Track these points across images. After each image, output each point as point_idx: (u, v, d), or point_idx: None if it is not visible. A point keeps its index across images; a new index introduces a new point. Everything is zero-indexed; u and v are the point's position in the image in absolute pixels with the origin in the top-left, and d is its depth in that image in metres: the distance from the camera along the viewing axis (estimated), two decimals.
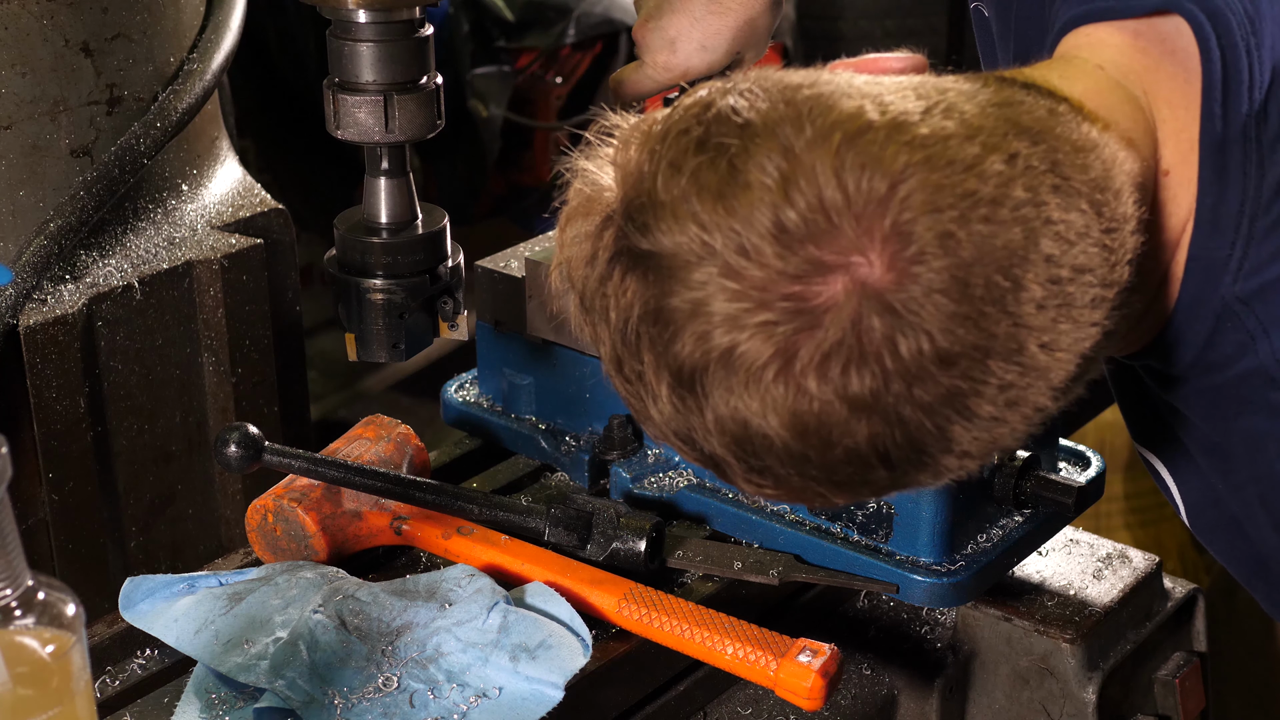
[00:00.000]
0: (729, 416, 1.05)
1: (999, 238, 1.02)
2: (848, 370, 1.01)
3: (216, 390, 1.93)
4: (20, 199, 1.75)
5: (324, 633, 1.30)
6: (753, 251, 1.02)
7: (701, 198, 1.04)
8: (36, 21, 1.71)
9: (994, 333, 1.02)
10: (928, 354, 1.00)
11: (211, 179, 2.00)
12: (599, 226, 1.11)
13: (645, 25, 1.64)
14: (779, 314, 1.02)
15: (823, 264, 1.01)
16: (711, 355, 1.04)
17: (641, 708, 1.41)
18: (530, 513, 1.47)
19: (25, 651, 0.95)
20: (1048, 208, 1.05)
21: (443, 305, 1.60)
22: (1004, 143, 1.05)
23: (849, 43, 4.52)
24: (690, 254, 1.04)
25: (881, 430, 1.03)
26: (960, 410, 1.03)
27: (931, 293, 1.00)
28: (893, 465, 1.06)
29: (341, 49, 1.48)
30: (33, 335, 1.70)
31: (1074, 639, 1.52)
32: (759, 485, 1.12)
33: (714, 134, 1.06)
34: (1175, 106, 1.21)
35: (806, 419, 1.03)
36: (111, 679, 1.36)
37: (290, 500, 1.44)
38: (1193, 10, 1.18)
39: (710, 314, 1.03)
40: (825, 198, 1.01)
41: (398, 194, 1.56)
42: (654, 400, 1.09)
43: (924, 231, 1.00)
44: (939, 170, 1.02)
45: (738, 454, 1.08)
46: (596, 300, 1.12)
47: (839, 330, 1.01)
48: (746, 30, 1.61)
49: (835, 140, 1.02)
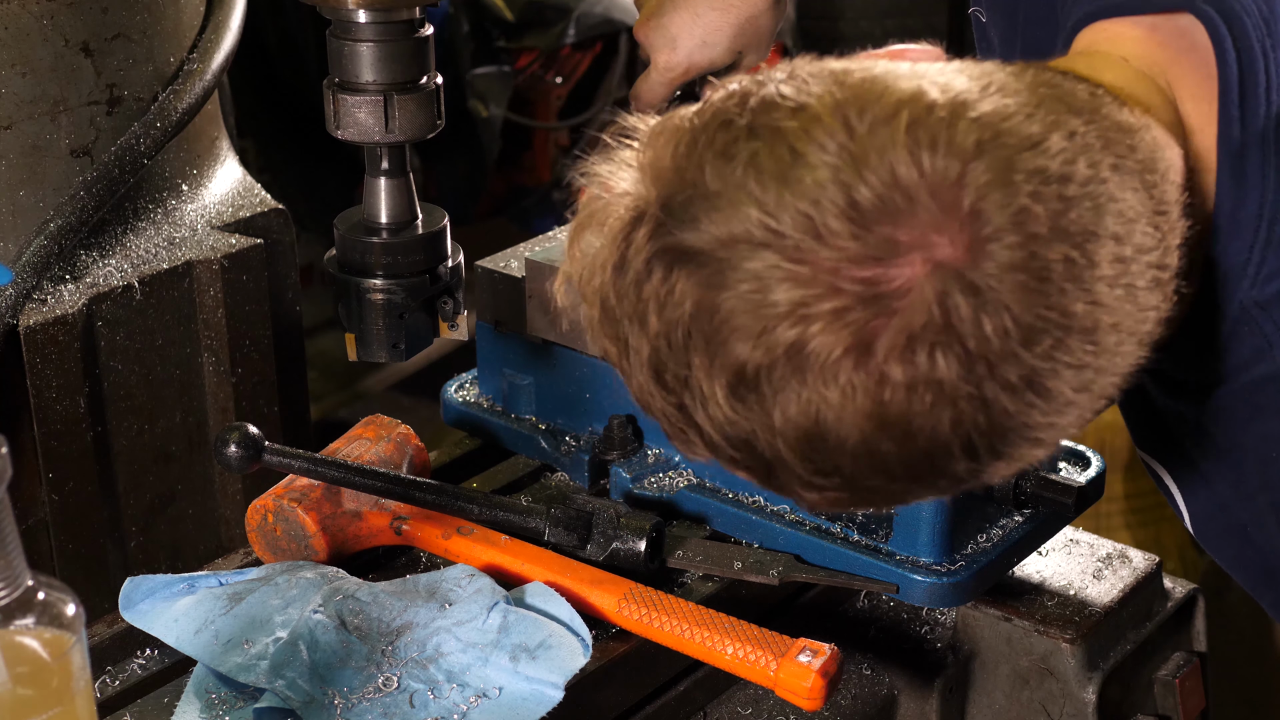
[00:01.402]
0: (800, 414, 1.00)
1: (1071, 213, 0.99)
2: (934, 353, 0.97)
3: (216, 390, 1.93)
4: (20, 199, 1.75)
5: (324, 633, 1.30)
6: (824, 232, 0.97)
7: (762, 181, 0.99)
8: (36, 21, 1.71)
9: (1072, 310, 0.99)
10: (1012, 332, 0.97)
11: (211, 179, 2.00)
12: (625, 230, 1.06)
13: (647, 23, 1.63)
14: (852, 300, 0.97)
15: (898, 244, 0.97)
16: (777, 351, 0.99)
17: (641, 708, 1.41)
18: (530, 513, 1.47)
19: (25, 651, 0.95)
20: (1109, 185, 1.03)
21: (443, 305, 1.60)
22: (1061, 120, 1.03)
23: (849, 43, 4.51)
24: (748, 241, 0.99)
25: (967, 415, 0.99)
26: (1040, 392, 1.00)
27: (1010, 270, 0.97)
28: (975, 454, 1.02)
29: (341, 49, 1.48)
30: (33, 335, 1.70)
31: (1074, 639, 1.52)
32: (821, 488, 1.06)
33: (764, 120, 1.02)
34: (1199, 100, 1.20)
35: (889, 409, 0.99)
36: (111, 679, 1.36)
37: (290, 500, 1.44)
38: (1207, 11, 1.17)
39: (773, 304, 0.98)
40: (900, 176, 0.97)
41: (398, 194, 1.56)
42: (703, 405, 1.04)
43: (998, 209, 0.97)
44: (1007, 147, 0.99)
45: (805, 454, 1.03)
46: (628, 306, 1.05)
47: (922, 312, 0.97)
48: (749, 27, 1.61)
49: (903, 119, 0.99)
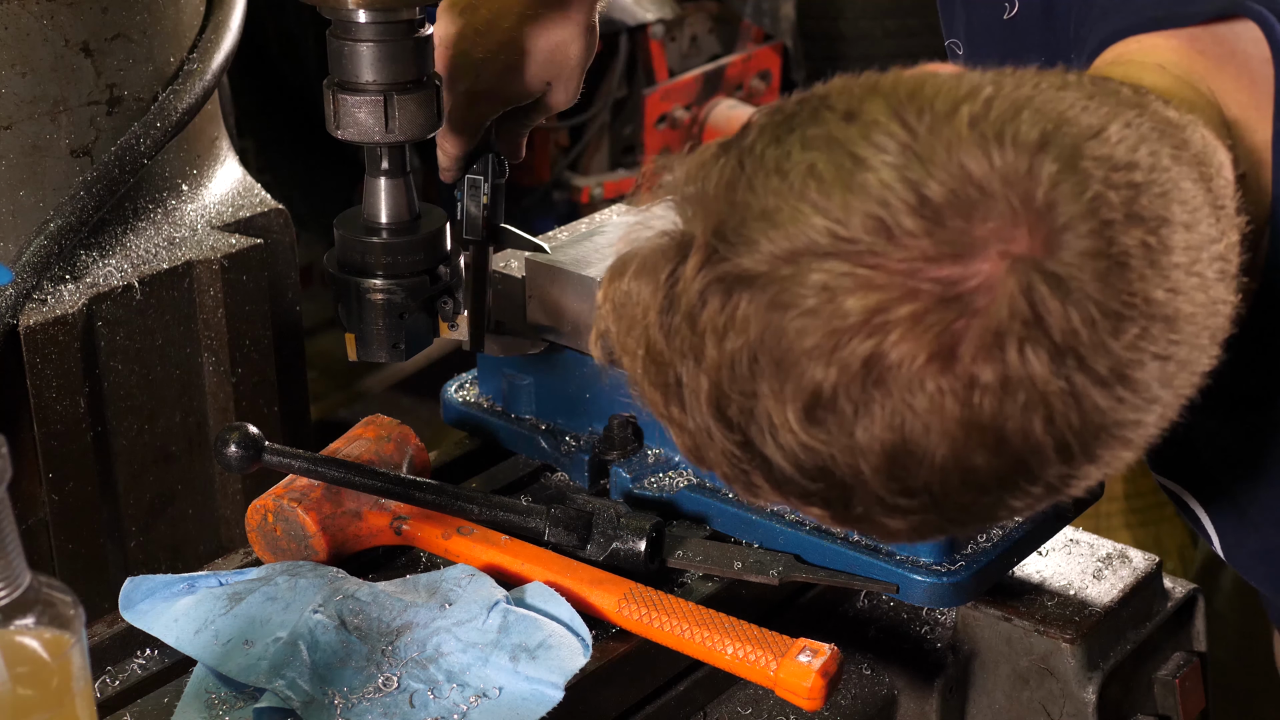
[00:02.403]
0: (885, 429, 0.95)
1: (1142, 199, 0.96)
2: (1023, 350, 0.93)
3: (216, 390, 1.93)
4: (20, 199, 1.75)
5: (324, 633, 1.30)
6: (897, 231, 0.93)
7: (824, 190, 0.95)
8: (36, 21, 1.71)
9: (1153, 296, 0.96)
10: (1099, 321, 0.94)
11: (211, 179, 2.00)
12: (669, 268, 1.01)
13: (446, 51, 1.53)
14: (930, 301, 0.93)
15: (974, 239, 0.93)
16: (854, 366, 0.94)
17: (641, 708, 1.41)
18: (530, 513, 1.47)
19: (25, 651, 0.95)
20: (1171, 172, 1.00)
21: (443, 305, 1.59)
22: (1117, 112, 1.01)
23: (849, 42, 4.52)
24: (813, 253, 0.94)
25: (1059, 413, 0.95)
26: (1129, 384, 0.96)
27: (1090, 257, 0.94)
28: (1070, 455, 0.97)
29: (341, 49, 1.47)
30: (33, 335, 1.70)
31: (1074, 639, 1.52)
32: (906, 511, 1.00)
33: (816, 132, 0.98)
34: (1244, 107, 1.18)
35: (981, 414, 0.94)
36: (111, 679, 1.36)
37: (290, 500, 1.44)
38: (1261, 12, 1.15)
39: (845, 315, 0.93)
40: (971, 170, 0.94)
41: (397, 194, 1.56)
42: (773, 436, 0.98)
43: (1071, 199, 0.94)
44: (1072, 136, 0.96)
45: (891, 473, 0.97)
46: (680, 344, 1.00)
47: (1006, 308, 0.92)
48: (557, 55, 1.53)
49: (963, 114, 0.96)
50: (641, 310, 1.03)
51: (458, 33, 1.52)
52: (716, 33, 4.22)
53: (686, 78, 4.06)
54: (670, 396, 1.03)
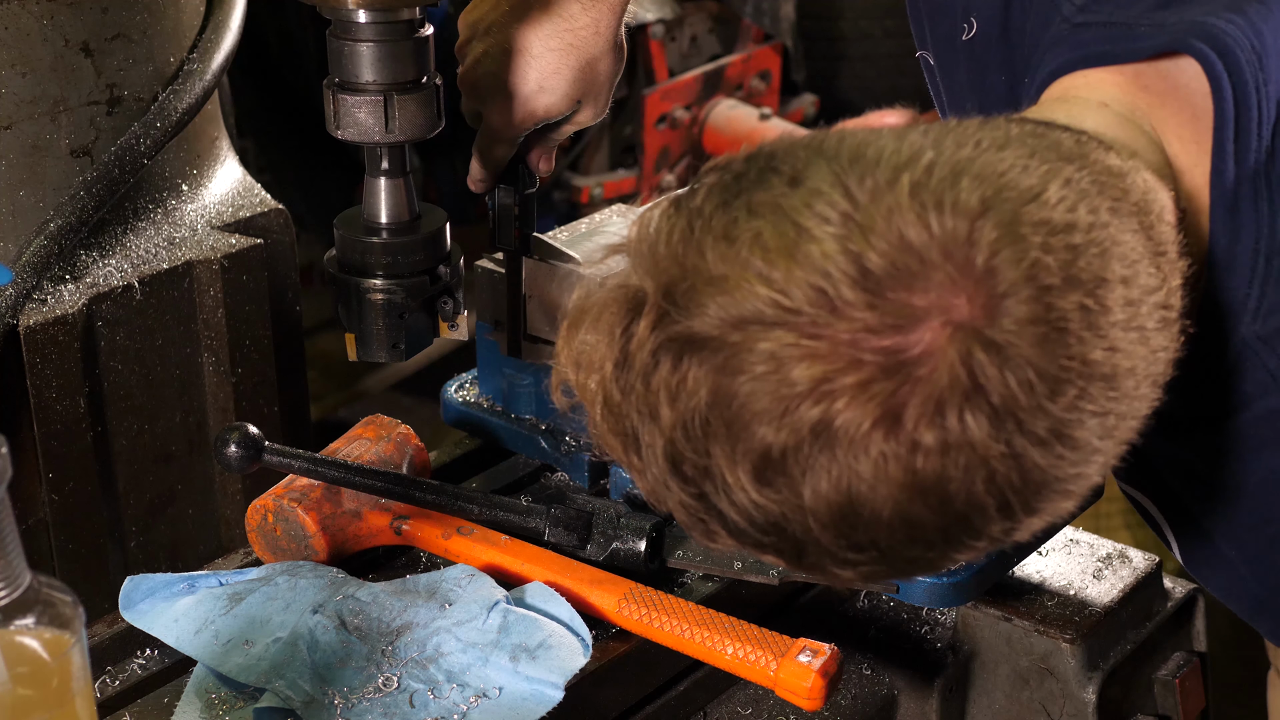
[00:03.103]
0: (832, 490, 0.98)
1: (1080, 261, 0.99)
2: (963, 415, 0.96)
3: (216, 390, 1.93)
4: (20, 199, 1.75)
5: (324, 633, 1.30)
6: (839, 303, 0.96)
7: (769, 259, 0.98)
8: (36, 21, 1.71)
9: (1091, 358, 0.99)
10: (1037, 385, 0.97)
11: (211, 179, 2.00)
12: (623, 323, 1.04)
13: (474, 72, 1.53)
14: (874, 371, 0.96)
15: (915, 309, 0.96)
16: (803, 431, 0.97)
17: (641, 708, 1.42)
18: (530, 513, 1.47)
19: (25, 651, 0.95)
20: (1110, 229, 1.02)
21: (443, 305, 1.60)
22: (1055, 168, 1.03)
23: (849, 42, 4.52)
24: (759, 322, 0.97)
25: (1000, 473, 0.98)
26: (1068, 443, 1.00)
27: (1029, 323, 0.96)
28: (1011, 512, 1.01)
29: (341, 49, 1.48)
30: (33, 335, 1.70)
31: (1074, 639, 1.52)
32: (855, 563, 1.04)
33: (762, 198, 1.01)
34: (1185, 142, 1.19)
35: (924, 476, 0.97)
36: (111, 679, 1.36)
37: (290, 500, 1.44)
38: (1203, 49, 1.16)
39: (792, 384, 0.96)
40: (910, 238, 0.96)
41: (397, 194, 1.56)
42: (727, 493, 1.02)
43: (1011, 264, 0.97)
44: (1011, 201, 0.99)
45: (840, 531, 1.01)
46: (636, 401, 1.03)
47: (947, 375, 0.96)
48: (588, 73, 1.53)
49: (904, 182, 0.98)
50: (598, 363, 1.06)
51: (485, 52, 1.52)
52: (716, 33, 4.21)
53: (686, 78, 4.06)
54: (629, 446, 1.07)
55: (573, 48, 1.51)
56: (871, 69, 4.52)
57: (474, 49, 1.53)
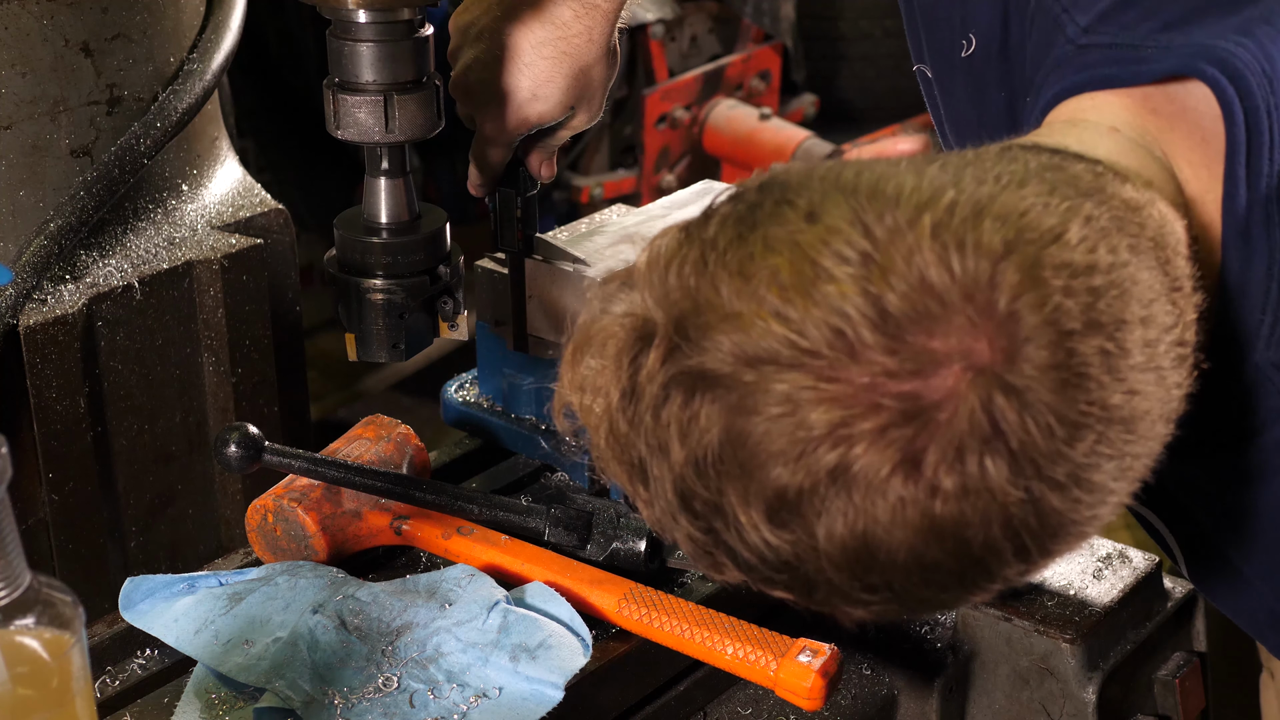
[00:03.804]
0: (847, 535, 0.97)
1: (1100, 303, 0.98)
2: (983, 459, 0.95)
3: (216, 390, 1.93)
4: (20, 199, 1.75)
5: (324, 633, 1.30)
6: (857, 346, 0.94)
7: (786, 297, 0.96)
8: (36, 21, 1.71)
9: (1110, 402, 0.98)
10: (1057, 430, 0.96)
11: (211, 179, 2.00)
12: (630, 353, 1.02)
13: (466, 77, 1.52)
14: (893, 416, 0.94)
15: (934, 353, 0.94)
16: (820, 474, 0.96)
17: (641, 708, 1.42)
18: (530, 513, 1.47)
19: (25, 651, 0.95)
20: (1129, 267, 1.01)
21: (443, 305, 1.60)
22: (1076, 206, 1.02)
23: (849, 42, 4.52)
24: (774, 362, 0.96)
25: (1018, 517, 0.97)
26: (1085, 486, 0.99)
27: (1049, 369, 0.95)
28: (1027, 555, 1.00)
29: (341, 49, 1.48)
30: (33, 335, 1.70)
31: (1074, 639, 1.52)
32: (867, 603, 1.03)
33: (779, 233, 0.99)
34: (1196, 167, 1.18)
35: (943, 522, 0.96)
36: (111, 679, 1.36)
37: (290, 500, 1.44)
38: (1213, 74, 1.14)
39: (809, 427, 0.95)
40: (931, 280, 0.95)
41: (397, 194, 1.56)
42: (738, 531, 1.00)
43: (1032, 309, 0.95)
44: (1033, 244, 0.97)
45: (854, 573, 0.99)
46: (645, 434, 1.01)
47: (967, 420, 0.94)
48: (582, 79, 1.52)
49: (925, 222, 0.96)
50: (604, 392, 1.04)
51: (476, 58, 1.52)
52: (716, 33, 4.21)
53: (686, 78, 4.06)
54: (635, 475, 1.05)
55: (565, 55, 1.51)
56: (871, 69, 4.53)
57: (466, 55, 1.53)
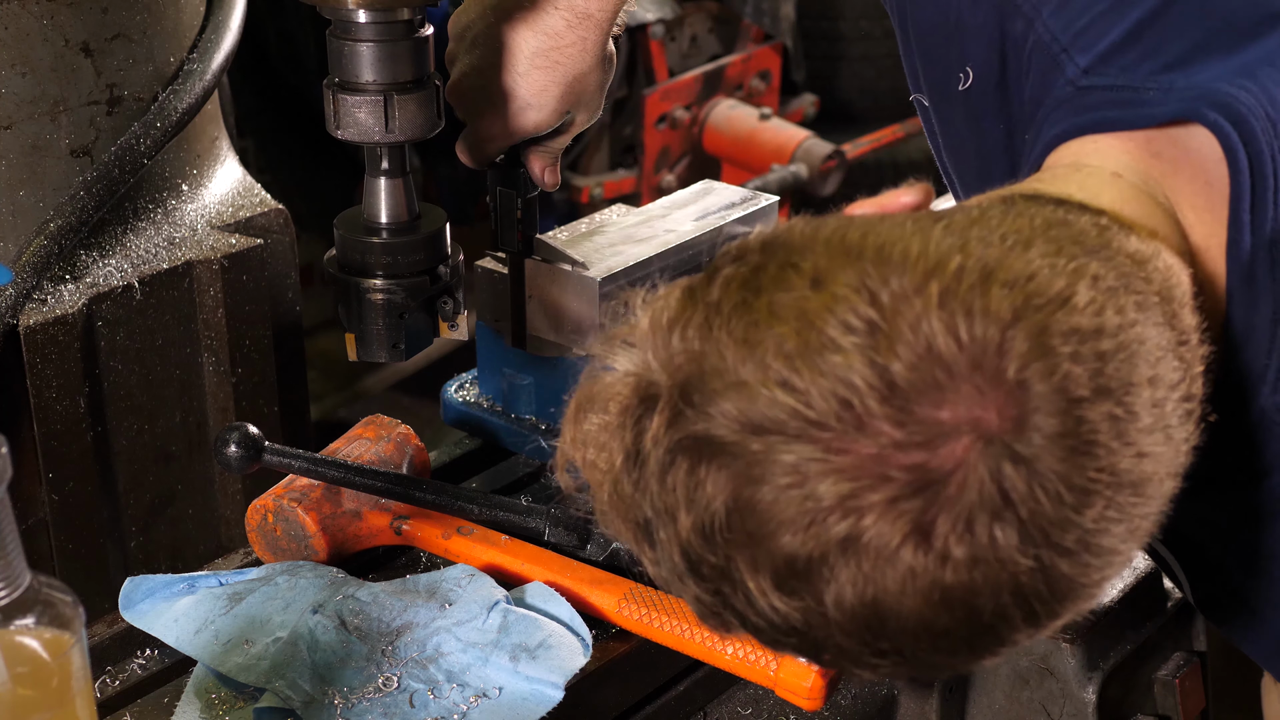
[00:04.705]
0: (857, 604, 0.97)
1: (1108, 368, 0.98)
2: (994, 529, 0.95)
3: (216, 390, 1.93)
4: (20, 199, 1.75)
5: (324, 633, 1.30)
6: (864, 418, 0.94)
7: (791, 364, 0.95)
8: (36, 21, 1.71)
9: (1119, 468, 0.98)
10: (1066, 498, 0.96)
11: (211, 179, 2.00)
12: (634, 416, 1.02)
13: (461, 83, 1.52)
14: (902, 488, 0.94)
15: (943, 424, 0.94)
16: (829, 544, 0.95)
17: (641, 708, 1.42)
18: (530, 513, 1.47)
19: (25, 651, 0.95)
20: (1137, 327, 1.01)
21: (443, 305, 1.60)
22: (1083, 267, 1.01)
23: (849, 42, 4.52)
24: (781, 433, 0.95)
25: (1027, 584, 0.97)
26: (1094, 551, 0.99)
27: (1058, 438, 0.95)
28: (1036, 619, 1.00)
29: (341, 49, 1.48)
30: (33, 335, 1.70)
31: (1074, 639, 1.52)
32: (876, 666, 1.03)
33: (784, 299, 0.98)
34: (1200, 211, 1.17)
35: (953, 591, 0.96)
36: (111, 679, 1.36)
37: (290, 500, 1.44)
38: (1216, 119, 1.13)
39: (818, 498, 0.95)
40: (938, 349, 0.94)
41: (397, 194, 1.56)
42: (746, 596, 1.00)
43: (1041, 378, 0.95)
44: (1041, 311, 0.97)
45: (863, 639, 1.00)
46: (651, 499, 1.02)
47: (976, 490, 0.94)
48: (577, 86, 1.52)
49: (933, 289, 0.96)
50: (607, 455, 1.04)
51: (472, 65, 1.52)
52: (716, 33, 4.21)
53: (686, 78, 4.06)
54: (640, 536, 1.05)
55: (559, 65, 1.51)
56: (871, 69, 4.53)
57: (462, 62, 1.53)
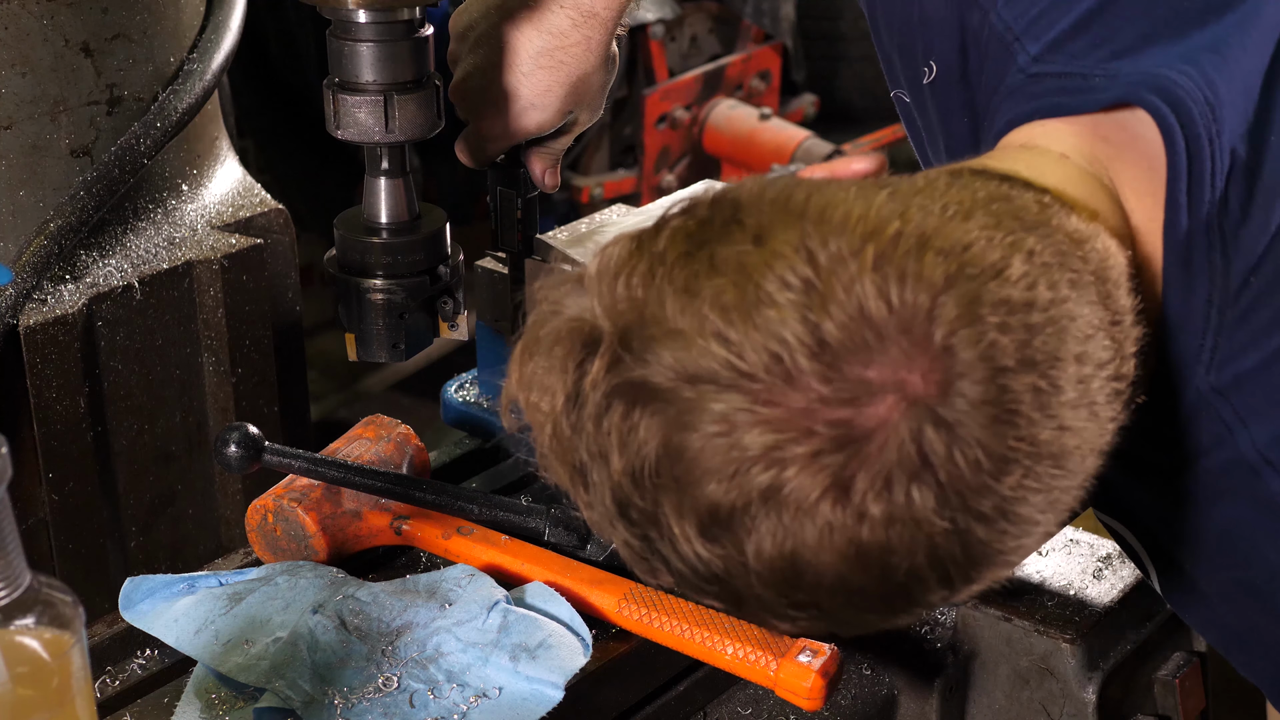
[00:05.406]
0: (776, 555, 1.00)
1: (1036, 340, 1.00)
2: (910, 490, 0.97)
3: (216, 390, 1.93)
4: (20, 199, 1.75)
5: (324, 633, 1.30)
6: (794, 372, 0.96)
7: (727, 318, 0.98)
8: (36, 21, 1.71)
9: (1040, 438, 1.00)
10: (984, 464, 0.98)
11: (211, 179, 2.00)
12: (576, 359, 1.04)
13: (464, 83, 1.52)
14: (825, 443, 0.97)
15: (869, 383, 0.97)
16: (752, 494, 0.98)
17: (641, 708, 1.41)
18: (530, 513, 1.47)
19: (25, 651, 0.95)
20: (1069, 304, 1.03)
21: (443, 305, 1.60)
22: (1019, 240, 1.04)
23: (849, 42, 4.52)
24: (714, 382, 0.98)
25: (942, 547, 1.00)
26: (1011, 518, 1.01)
27: (981, 404, 0.97)
28: (950, 582, 1.03)
29: (341, 49, 1.48)
30: (33, 335, 1.70)
31: (1074, 639, 1.52)
32: (794, 619, 1.06)
33: (726, 252, 1.01)
34: (1141, 196, 1.19)
35: (869, 548, 0.99)
36: (111, 679, 1.36)
37: (290, 500, 1.44)
38: (1155, 102, 1.16)
39: (744, 448, 0.97)
40: (869, 311, 0.97)
41: (397, 194, 1.56)
42: (671, 542, 1.03)
43: (968, 345, 0.98)
44: (973, 280, 0.99)
45: (781, 590, 1.02)
46: (586, 441, 1.04)
47: (896, 451, 0.97)
48: (581, 86, 1.52)
49: (869, 253, 0.98)
50: (549, 397, 1.06)
51: (476, 66, 1.52)
52: (716, 33, 4.22)
53: (686, 78, 4.07)
54: (575, 479, 1.08)
55: (563, 65, 1.50)
56: (871, 69, 4.52)
57: (465, 62, 1.53)
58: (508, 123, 1.53)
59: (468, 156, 1.59)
